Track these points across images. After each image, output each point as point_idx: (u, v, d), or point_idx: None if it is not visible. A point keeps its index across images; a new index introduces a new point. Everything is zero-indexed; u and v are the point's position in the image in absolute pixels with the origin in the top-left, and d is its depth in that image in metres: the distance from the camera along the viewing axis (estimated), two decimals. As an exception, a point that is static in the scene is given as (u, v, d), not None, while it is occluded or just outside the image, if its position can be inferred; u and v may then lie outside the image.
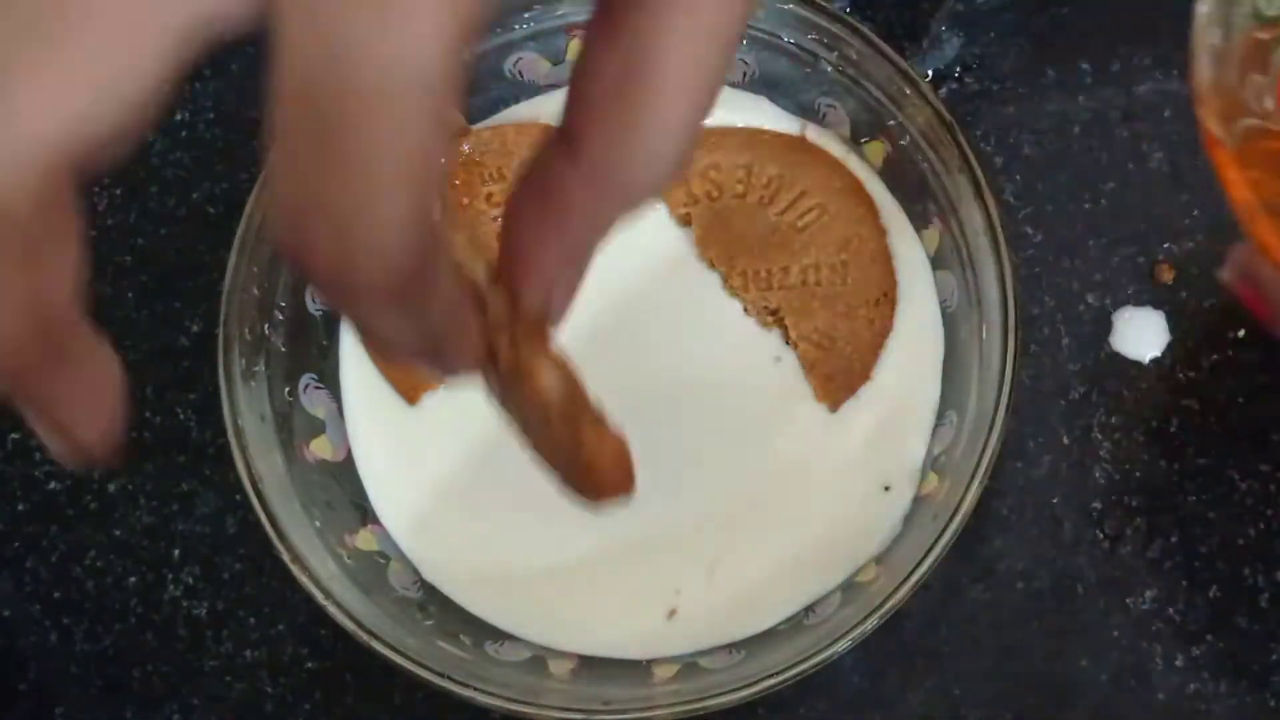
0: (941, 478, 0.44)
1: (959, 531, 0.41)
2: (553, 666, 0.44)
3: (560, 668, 0.44)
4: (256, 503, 0.42)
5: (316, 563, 0.42)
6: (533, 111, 0.48)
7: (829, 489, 0.45)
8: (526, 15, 0.47)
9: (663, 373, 0.46)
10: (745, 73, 0.47)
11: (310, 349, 0.46)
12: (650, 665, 0.44)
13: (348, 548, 0.44)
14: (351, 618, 0.41)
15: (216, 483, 0.47)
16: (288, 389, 0.45)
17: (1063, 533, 0.47)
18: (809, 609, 0.44)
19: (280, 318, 0.45)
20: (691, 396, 0.45)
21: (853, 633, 0.41)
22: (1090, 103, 0.49)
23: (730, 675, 0.42)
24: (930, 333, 0.46)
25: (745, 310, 0.46)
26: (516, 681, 0.43)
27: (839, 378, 0.46)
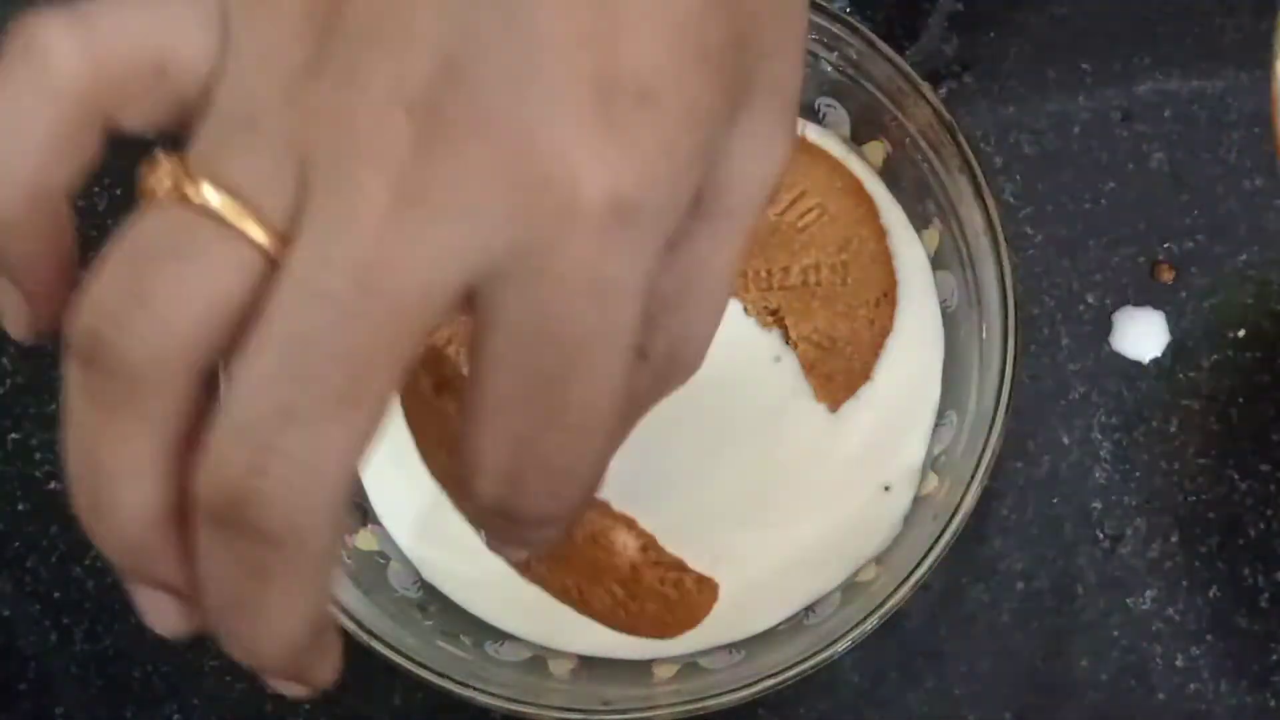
0: (941, 478, 0.44)
1: (959, 531, 0.41)
2: (553, 666, 0.44)
3: (560, 668, 0.44)
4: (256, 503, 0.42)
5: (316, 563, 0.42)
6: None
7: (829, 489, 0.45)
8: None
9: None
10: (745, 73, 0.47)
11: (310, 349, 0.46)
12: (650, 665, 0.44)
13: (347, 548, 0.44)
14: (351, 618, 0.41)
15: (216, 483, 0.47)
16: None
17: (1063, 533, 0.47)
18: (809, 609, 0.44)
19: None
20: (691, 396, 0.45)
21: (853, 633, 0.41)
22: (1090, 103, 0.49)
23: (730, 675, 0.42)
24: (930, 333, 0.46)
25: (745, 310, 0.46)
26: (516, 681, 0.43)
27: (839, 378, 0.45)
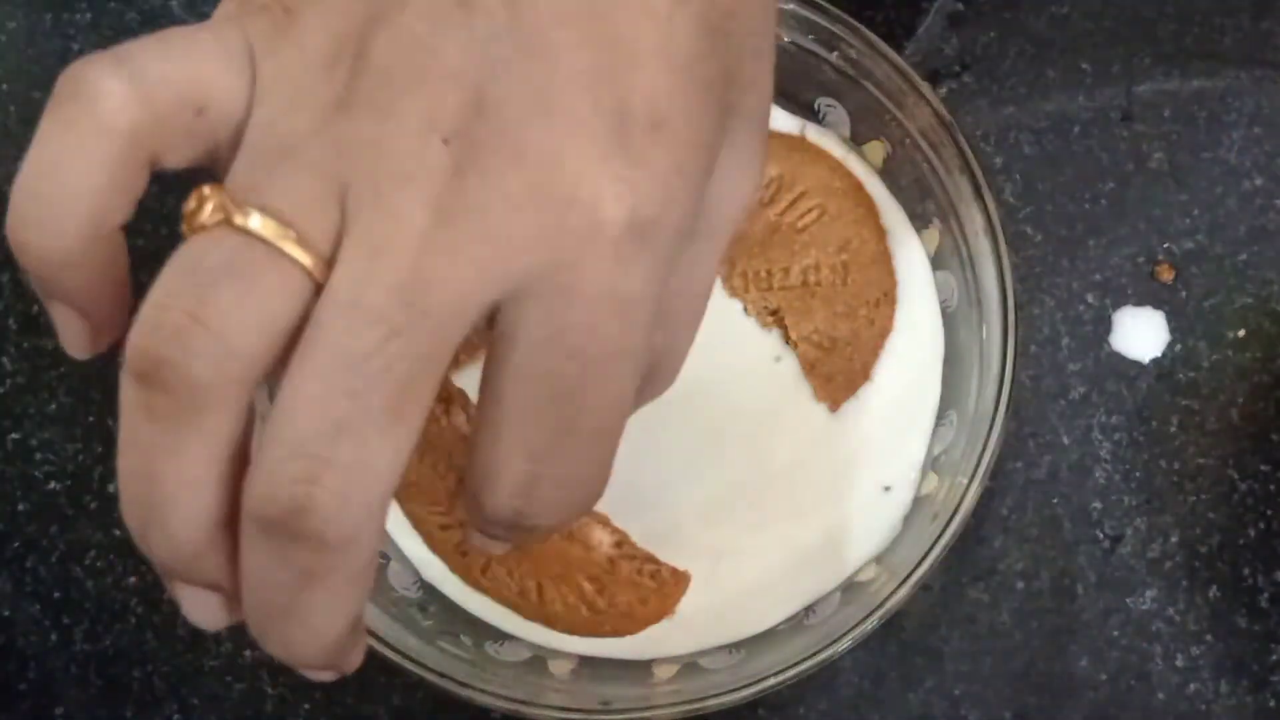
0: (941, 478, 0.44)
1: (959, 531, 0.41)
2: (553, 666, 0.44)
3: (560, 668, 0.44)
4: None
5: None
6: None
7: (829, 489, 0.45)
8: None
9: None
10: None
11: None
12: (650, 665, 0.44)
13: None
14: (351, 618, 0.41)
15: (216, 483, 0.47)
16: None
17: (1063, 533, 0.47)
18: (809, 609, 0.44)
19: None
20: (691, 396, 0.45)
21: (853, 633, 0.41)
22: (1090, 103, 0.49)
23: (730, 675, 0.42)
24: (930, 333, 0.46)
25: (745, 310, 0.46)
26: (516, 681, 0.43)
27: (839, 378, 0.45)
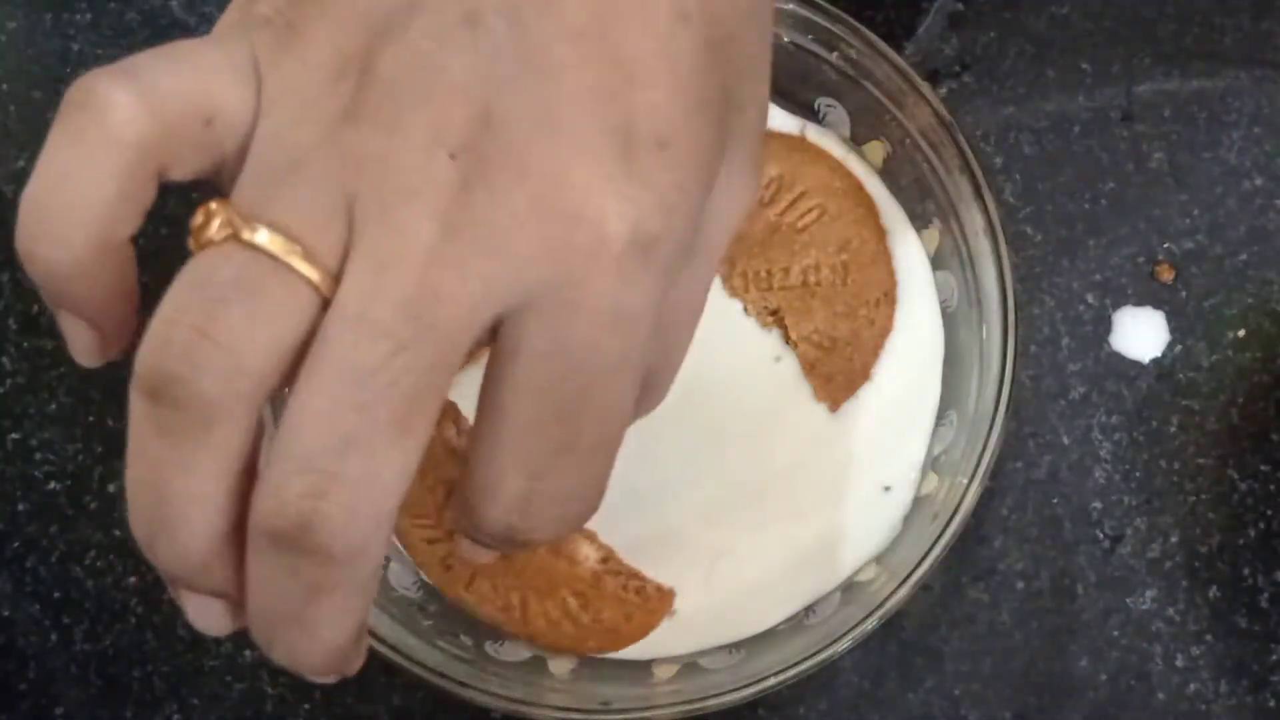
0: (941, 478, 0.44)
1: (959, 531, 0.41)
2: (553, 666, 0.44)
3: (560, 668, 0.44)
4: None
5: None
6: None
7: (829, 489, 0.45)
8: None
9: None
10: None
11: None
12: (650, 665, 0.44)
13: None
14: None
15: (216, 483, 0.47)
16: (287, 389, 0.45)
17: (1063, 533, 0.47)
18: (809, 609, 0.44)
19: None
20: (691, 396, 0.45)
21: (853, 633, 0.41)
22: (1090, 103, 0.49)
23: (730, 675, 0.42)
24: (930, 333, 0.46)
25: (745, 310, 0.46)
26: (516, 681, 0.43)
27: (839, 378, 0.45)
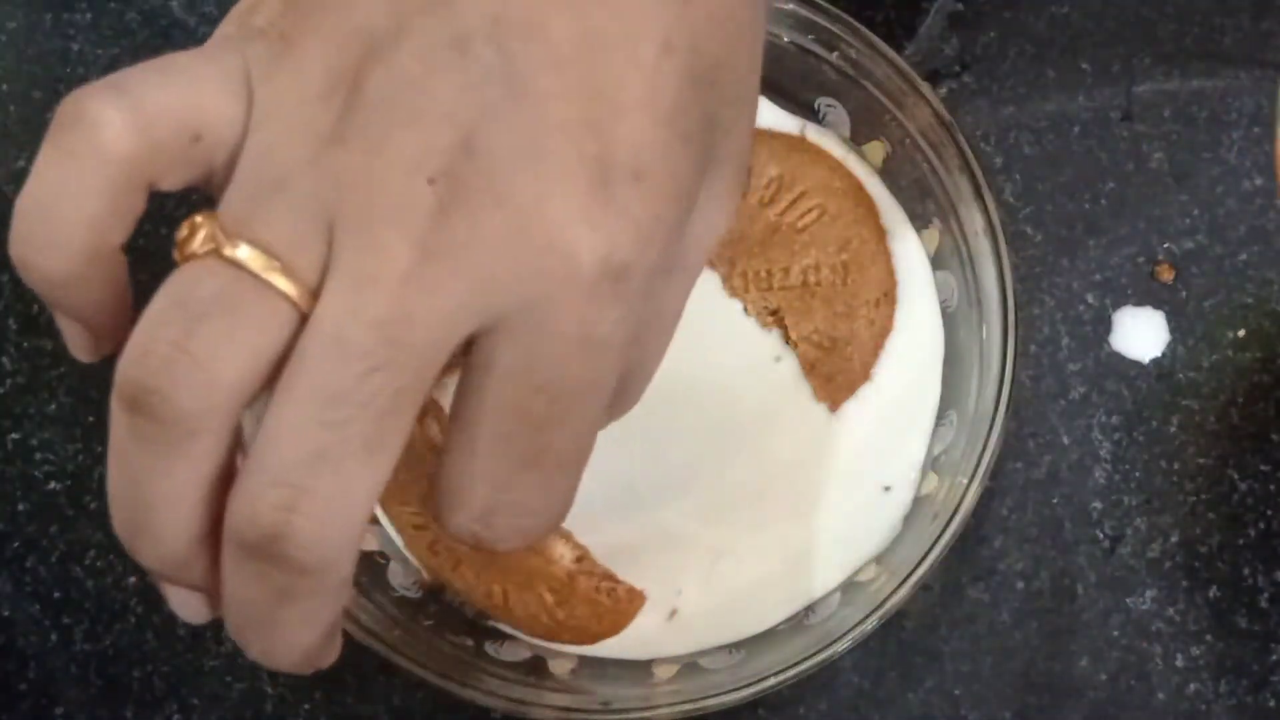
0: (941, 478, 0.44)
1: (959, 531, 0.41)
2: (553, 666, 0.44)
3: (560, 668, 0.44)
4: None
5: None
6: None
7: (829, 489, 0.45)
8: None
9: (662, 373, 0.45)
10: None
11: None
12: (650, 665, 0.44)
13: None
14: (351, 617, 0.41)
15: (216, 483, 0.47)
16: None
17: (1063, 533, 0.47)
18: (809, 609, 0.44)
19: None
20: (691, 396, 0.45)
21: (853, 633, 0.41)
22: (1090, 103, 0.49)
23: (730, 675, 0.42)
24: (930, 333, 0.46)
25: (745, 310, 0.46)
26: (516, 681, 0.43)
27: (839, 378, 0.45)
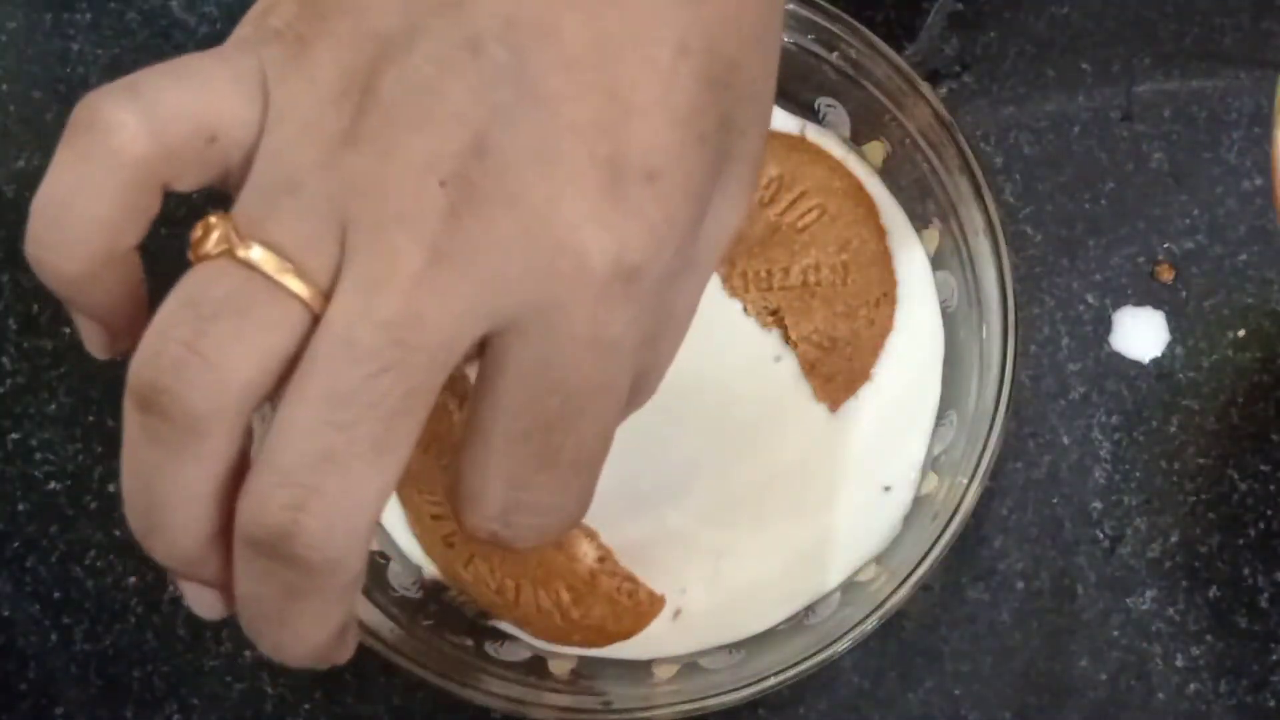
0: (941, 478, 0.44)
1: (959, 531, 0.41)
2: (553, 666, 0.44)
3: (560, 668, 0.44)
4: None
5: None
6: None
7: (829, 489, 0.45)
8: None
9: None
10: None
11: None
12: (650, 665, 0.44)
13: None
14: (351, 618, 0.41)
15: (216, 483, 0.47)
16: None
17: (1063, 533, 0.47)
18: (809, 609, 0.44)
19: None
20: (692, 396, 0.45)
21: (853, 633, 0.41)
22: (1090, 103, 0.49)
23: (730, 675, 0.42)
24: (930, 333, 0.46)
25: (745, 310, 0.46)
26: (516, 681, 0.43)
27: (839, 378, 0.45)
